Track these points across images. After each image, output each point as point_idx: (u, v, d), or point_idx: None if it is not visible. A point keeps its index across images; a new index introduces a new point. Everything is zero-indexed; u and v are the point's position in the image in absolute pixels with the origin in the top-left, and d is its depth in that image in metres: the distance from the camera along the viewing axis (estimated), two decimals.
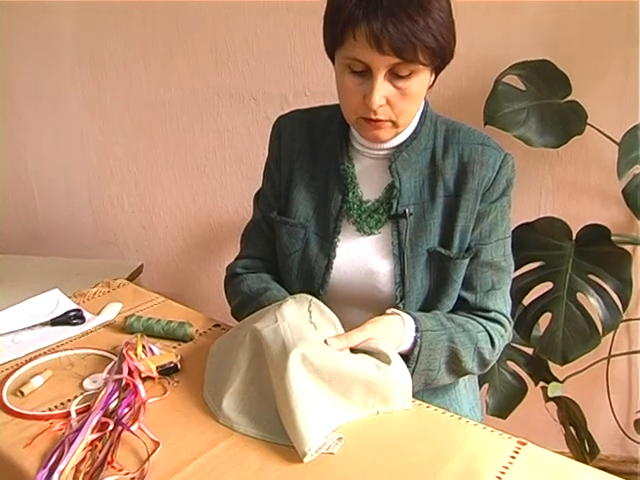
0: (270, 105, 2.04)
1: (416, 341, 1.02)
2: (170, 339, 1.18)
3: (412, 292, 1.09)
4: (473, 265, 1.12)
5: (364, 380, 0.90)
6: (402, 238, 1.09)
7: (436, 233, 1.09)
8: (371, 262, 1.11)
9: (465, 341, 1.08)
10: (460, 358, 1.08)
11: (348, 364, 0.90)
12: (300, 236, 1.15)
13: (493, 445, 0.88)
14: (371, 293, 1.12)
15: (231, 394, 0.95)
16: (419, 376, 1.04)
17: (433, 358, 1.05)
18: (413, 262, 1.09)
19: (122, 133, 2.28)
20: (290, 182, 1.17)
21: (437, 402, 1.13)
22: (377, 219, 1.12)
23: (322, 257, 1.13)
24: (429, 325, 1.05)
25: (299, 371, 0.87)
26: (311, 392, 0.88)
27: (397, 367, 0.93)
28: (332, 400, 0.90)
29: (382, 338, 0.97)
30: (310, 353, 0.88)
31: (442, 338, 1.06)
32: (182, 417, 0.96)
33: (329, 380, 0.89)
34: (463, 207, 1.08)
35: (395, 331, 1.01)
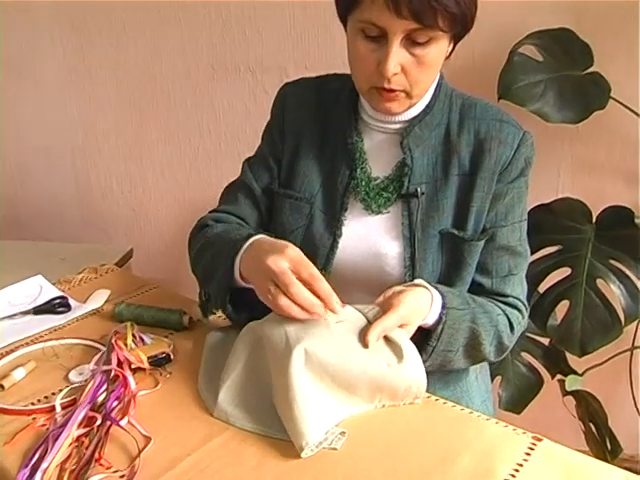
0: (268, 78, 2.04)
1: (441, 318, 1.03)
2: (162, 328, 1.18)
3: (422, 276, 1.10)
4: (488, 249, 1.12)
5: (371, 377, 0.91)
6: (413, 218, 1.09)
7: (449, 214, 1.10)
8: (379, 243, 1.12)
9: (486, 323, 1.09)
10: (480, 341, 1.08)
11: (355, 360, 0.90)
12: (304, 212, 1.15)
13: (507, 441, 0.88)
14: (378, 276, 1.12)
15: (228, 387, 0.95)
16: (437, 356, 1.05)
17: (454, 338, 1.05)
18: (424, 244, 1.10)
19: (109, 107, 2.27)
20: (295, 154, 1.18)
21: (447, 393, 1.14)
22: (386, 198, 1.12)
23: (327, 235, 1.14)
24: (455, 302, 1.05)
25: (301, 367, 0.87)
26: (312, 387, 0.88)
27: (410, 364, 0.93)
28: (335, 394, 0.91)
29: (411, 316, 0.98)
30: (314, 348, 0.88)
31: (466, 318, 1.06)
32: (175, 411, 0.96)
33: (333, 375, 0.89)
34: (478, 187, 1.08)
35: (423, 306, 1.02)
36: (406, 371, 0.92)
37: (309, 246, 1.14)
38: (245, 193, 1.21)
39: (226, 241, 1.08)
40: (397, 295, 0.99)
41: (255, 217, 1.21)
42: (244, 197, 1.21)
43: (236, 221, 1.20)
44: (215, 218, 1.21)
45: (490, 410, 1.25)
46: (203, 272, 1.12)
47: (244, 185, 1.22)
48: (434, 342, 1.03)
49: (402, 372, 0.92)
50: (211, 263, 1.09)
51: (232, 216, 1.21)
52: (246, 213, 1.21)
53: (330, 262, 1.13)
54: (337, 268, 1.14)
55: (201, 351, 1.10)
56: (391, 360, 0.92)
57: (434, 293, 1.03)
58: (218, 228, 1.16)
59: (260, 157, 1.23)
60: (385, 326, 0.94)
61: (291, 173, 1.17)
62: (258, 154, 1.24)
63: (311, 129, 1.17)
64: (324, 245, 1.13)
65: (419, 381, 0.94)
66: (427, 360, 1.03)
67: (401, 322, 0.97)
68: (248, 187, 1.21)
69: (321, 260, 1.14)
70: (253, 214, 1.21)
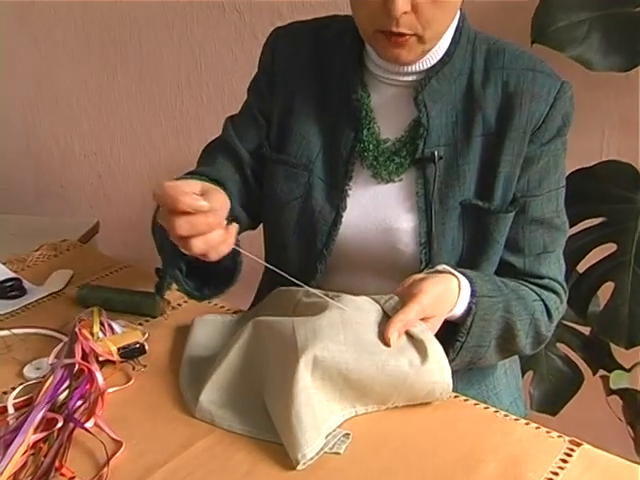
0: (258, 19, 2.02)
1: (470, 308, 1.04)
2: (135, 314, 1.20)
3: (441, 255, 1.10)
4: (520, 222, 1.13)
5: (389, 378, 0.92)
6: (429, 187, 1.10)
7: (472, 181, 1.10)
8: (390, 216, 1.12)
9: (521, 311, 1.10)
10: (515, 332, 1.09)
11: (371, 358, 0.92)
12: (302, 181, 1.15)
13: (539, 445, 0.89)
14: (389, 255, 1.13)
15: (213, 383, 0.96)
16: (466, 353, 1.06)
17: (486, 331, 1.06)
18: (442, 217, 1.10)
19: (68, 54, 2.26)
20: (288, 112, 1.18)
21: (472, 393, 1.14)
22: (398, 163, 1.12)
23: (329, 208, 1.14)
24: (485, 289, 1.06)
25: (307, 375, 0.89)
26: (316, 390, 0.90)
27: (434, 365, 0.94)
28: (342, 394, 0.93)
29: (436, 307, 0.99)
30: (326, 351, 0.90)
31: (498, 306, 1.07)
32: (150, 411, 0.97)
33: (346, 375, 0.91)
34: (507, 149, 1.08)
35: (449, 295, 1.02)
36: (430, 372, 0.93)
37: (307, 221, 1.15)
38: (226, 154, 1.21)
39: None
40: (418, 283, 1.00)
41: (237, 181, 1.20)
42: (224, 158, 1.21)
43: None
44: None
45: (521, 411, 1.27)
46: (158, 240, 1.10)
47: (225, 144, 1.22)
48: (463, 337, 1.04)
49: (425, 374, 0.93)
50: (160, 233, 1.06)
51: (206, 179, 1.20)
52: (225, 176, 1.18)
53: (332, 239, 1.14)
54: (340, 246, 1.14)
55: (181, 341, 1.11)
56: (414, 359, 0.93)
57: (461, 279, 1.04)
58: None
59: (246, 114, 1.23)
60: (406, 320, 0.95)
61: (284, 135, 1.17)
62: (243, 111, 1.24)
63: (307, 82, 1.17)
64: (325, 220, 1.14)
65: (444, 384, 0.95)
66: (455, 358, 1.04)
67: (424, 315, 0.97)
68: (230, 147, 1.21)
69: (321, 237, 1.14)
70: (234, 178, 1.19)
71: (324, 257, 1.14)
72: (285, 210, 1.16)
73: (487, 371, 1.20)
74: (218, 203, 0.90)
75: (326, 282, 1.16)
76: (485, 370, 1.20)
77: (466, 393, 1.04)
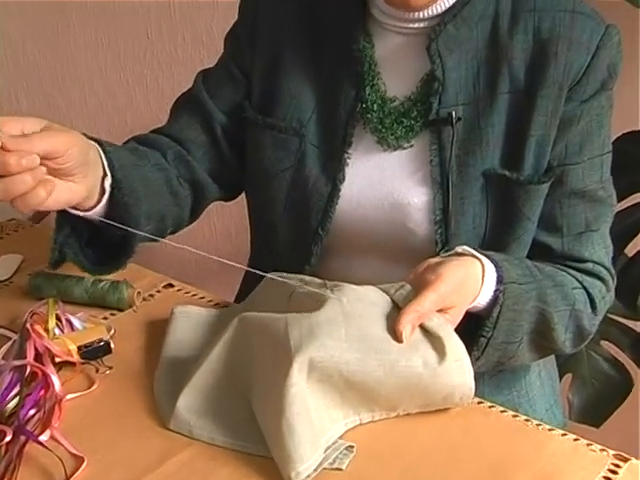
0: None
1: (497, 298, 1.03)
2: (98, 306, 1.20)
3: (460, 235, 1.11)
4: (556, 196, 1.13)
5: (400, 380, 0.92)
6: (445, 155, 1.10)
7: (497, 147, 1.10)
8: (398, 190, 1.12)
9: (558, 301, 1.10)
10: (550, 326, 1.09)
11: (379, 358, 0.91)
12: (292, 148, 1.15)
13: (578, 460, 0.89)
14: (397, 236, 1.13)
15: (192, 387, 0.97)
16: (493, 351, 1.05)
17: (516, 325, 1.06)
18: (462, 190, 1.10)
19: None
20: (274, 66, 1.18)
21: (500, 399, 1.14)
22: (408, 126, 1.12)
23: (324, 180, 1.14)
24: (515, 274, 1.05)
25: (302, 380, 0.89)
26: (313, 395, 0.91)
27: (453, 364, 0.93)
28: (345, 400, 0.93)
29: (456, 296, 0.98)
30: (324, 351, 0.90)
31: (531, 295, 1.07)
32: (117, 420, 0.97)
33: (348, 377, 0.91)
34: (540, 108, 1.08)
35: (472, 282, 1.02)
36: (448, 373, 0.92)
37: (300, 196, 1.15)
38: (193, 111, 1.21)
39: None
40: (435, 268, 0.99)
41: (203, 144, 1.20)
42: (190, 116, 1.21)
43: (167, 145, 1.20)
44: (141, 139, 1.21)
45: (558, 421, 1.27)
46: None
47: (193, 100, 1.22)
48: (489, 332, 1.04)
49: (442, 375, 0.92)
50: None
51: (166, 138, 1.21)
52: (189, 136, 1.20)
53: (329, 217, 1.14)
54: (340, 225, 1.15)
55: (154, 338, 1.12)
56: (429, 358, 0.92)
57: (486, 263, 1.04)
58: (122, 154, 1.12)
59: (221, 68, 1.23)
60: (421, 311, 0.94)
61: (270, 94, 1.18)
62: (219, 64, 1.25)
63: (297, 31, 1.17)
64: (320, 194, 1.14)
65: (464, 387, 0.94)
66: (479, 358, 1.03)
67: (442, 305, 0.97)
68: (199, 104, 1.21)
69: (316, 215, 1.14)
70: (199, 139, 1.20)
71: (320, 238, 1.14)
72: (273, 183, 1.16)
73: (518, 374, 1.20)
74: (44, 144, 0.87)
75: (323, 268, 1.16)
76: (516, 372, 1.20)
77: (493, 399, 1.04)
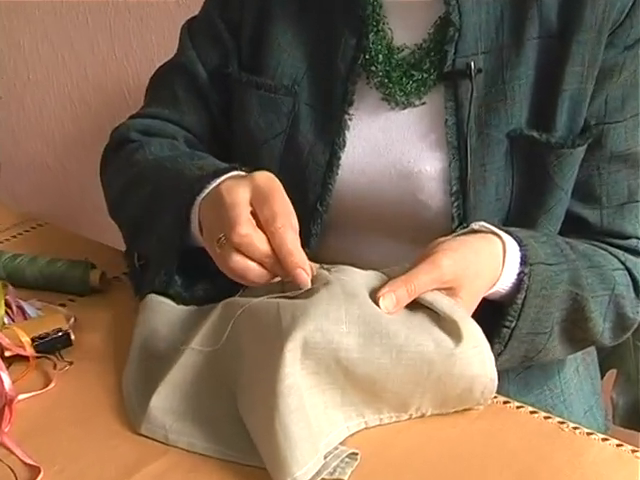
0: None
1: (521, 281, 1.02)
2: (56, 290, 1.20)
3: (481, 208, 1.11)
4: (594, 160, 1.13)
5: (409, 368, 0.90)
6: (463, 113, 1.10)
7: (524, 104, 1.10)
8: (408, 156, 1.12)
9: (595, 284, 1.09)
10: (586, 314, 1.09)
11: (384, 344, 0.90)
12: (283, 110, 1.16)
13: (622, 469, 0.89)
14: (407, 211, 1.13)
15: (167, 385, 0.96)
16: (518, 344, 1.04)
17: (545, 312, 1.05)
18: (482, 155, 1.10)
19: None
20: (263, 15, 1.18)
21: (530, 400, 1.14)
22: (419, 80, 1.12)
23: (322, 146, 1.14)
24: (542, 254, 1.05)
25: (295, 364, 0.88)
26: (309, 391, 0.90)
27: (472, 350, 0.92)
28: (346, 397, 0.93)
29: (464, 276, 0.96)
30: (316, 337, 0.89)
31: (562, 278, 1.06)
32: (79, 424, 0.96)
33: (347, 367, 0.90)
34: (574, 57, 1.08)
35: (489, 262, 1.01)
36: (465, 361, 0.91)
37: (294, 165, 1.15)
38: (187, 84, 1.23)
39: (174, 175, 1.08)
40: (441, 243, 0.99)
41: (205, 124, 1.23)
42: (186, 91, 1.23)
43: (177, 133, 1.22)
44: (143, 129, 1.22)
45: (599, 424, 1.27)
46: (134, 222, 1.13)
47: (184, 72, 1.23)
48: (513, 321, 1.02)
49: (458, 363, 0.91)
50: (148, 209, 1.09)
51: (170, 124, 1.22)
52: (191, 120, 1.22)
53: (329, 190, 1.15)
54: (340, 200, 1.16)
55: (122, 327, 1.11)
56: (442, 342, 0.90)
57: (507, 241, 1.03)
58: (154, 149, 1.17)
59: (205, 22, 1.24)
60: (413, 284, 0.92)
61: (259, 48, 1.18)
62: (202, 18, 1.25)
63: None
64: (317, 163, 1.15)
65: (485, 378, 0.93)
66: (502, 352, 1.02)
67: (444, 282, 0.95)
68: (193, 76, 1.23)
69: (314, 187, 1.15)
70: (202, 119, 1.22)
71: (318, 214, 1.15)
72: (262, 152, 1.17)
73: (551, 370, 1.20)
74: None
75: (323, 250, 1.17)
76: (548, 368, 1.20)
77: (522, 400, 1.03)
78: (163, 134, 1.22)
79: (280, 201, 0.92)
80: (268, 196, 0.92)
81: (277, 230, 0.90)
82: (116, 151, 1.23)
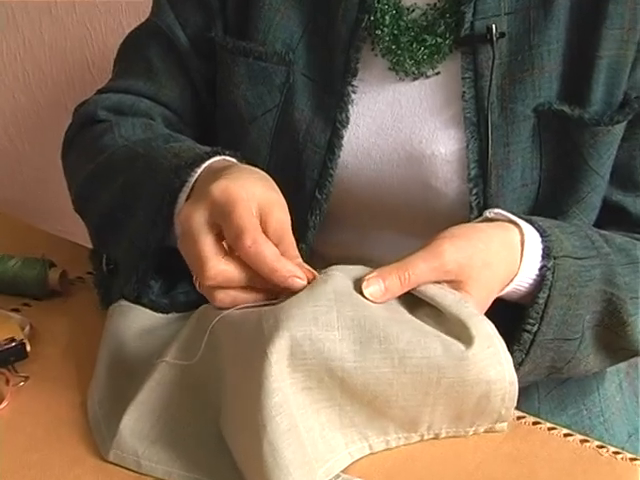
0: None
1: (543, 279, 1.01)
2: (8, 293, 1.20)
3: (504, 196, 1.12)
4: (635, 140, 1.13)
5: (415, 376, 0.89)
6: (484, 85, 1.10)
7: (554, 73, 1.10)
8: (420, 135, 1.13)
9: (633, 283, 1.08)
10: (623, 317, 1.08)
11: (384, 348, 0.89)
12: (277, 81, 1.16)
13: None
14: (420, 199, 1.14)
15: (140, 404, 0.95)
16: (542, 352, 1.03)
17: (574, 315, 1.04)
18: (506, 134, 1.11)
19: None
20: None
21: (564, 420, 1.15)
22: (432, 46, 1.12)
23: (321, 124, 1.15)
24: (569, 246, 1.04)
25: (287, 383, 0.87)
26: (300, 406, 0.89)
27: (483, 350, 0.90)
28: (344, 416, 0.91)
29: (470, 267, 0.95)
30: (304, 344, 0.88)
31: (593, 275, 1.05)
32: (36, 449, 0.95)
33: (343, 378, 0.89)
34: (613, 18, 1.08)
35: (503, 254, 0.99)
36: (479, 365, 0.89)
37: (289, 147, 1.15)
38: (164, 52, 1.23)
39: (148, 164, 1.07)
40: (443, 231, 0.98)
41: (186, 99, 1.23)
42: (163, 60, 1.23)
43: (152, 110, 1.21)
44: (113, 107, 1.21)
45: None
46: (102, 219, 1.12)
47: (160, 37, 1.23)
48: (534, 324, 1.01)
49: (472, 367, 0.89)
50: (119, 204, 1.08)
51: (144, 100, 1.22)
52: (170, 94, 1.22)
53: (328, 176, 1.15)
54: (342, 187, 1.16)
55: (86, 337, 1.11)
56: (451, 345, 0.89)
57: (526, 230, 1.02)
58: (124, 132, 1.16)
59: None
60: (407, 272, 0.91)
61: (247, 8, 1.18)
62: None
63: None
64: (315, 143, 1.15)
65: (503, 383, 0.91)
66: (524, 361, 1.01)
67: (444, 273, 0.94)
68: (169, 40, 1.22)
69: (312, 173, 1.15)
70: (182, 93, 1.23)
71: (317, 204, 1.14)
72: (251, 131, 1.17)
73: (589, 385, 1.20)
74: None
75: (322, 244, 1.17)
76: (585, 384, 1.19)
77: (554, 420, 1.03)
78: (136, 112, 1.21)
79: (241, 212, 0.89)
80: (226, 212, 0.89)
81: (248, 250, 0.88)
82: (81, 132, 1.23)
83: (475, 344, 0.89)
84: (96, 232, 1.15)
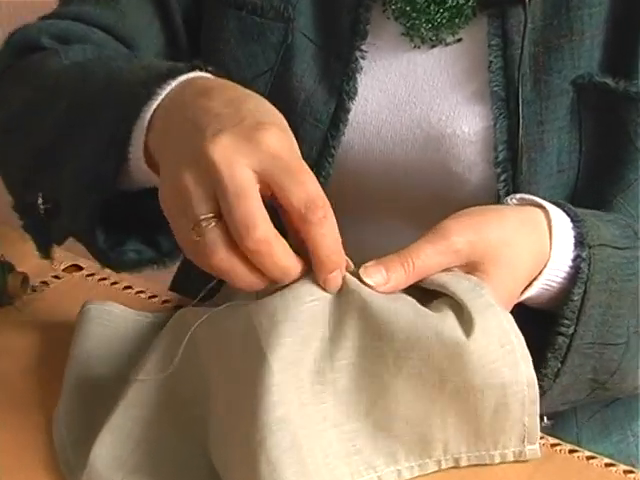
0: None
1: (578, 270, 0.99)
2: None
3: (537, 183, 1.12)
4: None
5: (413, 387, 0.88)
6: (514, 54, 1.10)
7: (595, 41, 1.10)
8: (439, 112, 1.13)
9: None
10: None
11: (375, 361, 0.89)
12: (272, 39, 1.17)
13: None
14: (439, 186, 1.15)
15: (114, 428, 0.94)
16: (582, 361, 1.01)
17: (615, 314, 1.02)
18: (539, 111, 1.11)
19: None
20: None
21: (606, 448, 1.14)
22: (453, 8, 1.12)
23: (324, 95, 1.15)
24: (607, 234, 1.02)
25: (288, 397, 0.86)
26: (305, 430, 0.87)
27: (499, 349, 0.88)
28: (343, 442, 0.89)
29: (487, 249, 0.93)
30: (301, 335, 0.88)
31: (638, 267, 1.03)
32: None
33: (334, 398, 0.89)
34: None
35: (523, 233, 0.97)
36: (493, 365, 0.87)
37: (285, 116, 1.12)
38: None
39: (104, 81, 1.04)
40: (456, 215, 0.96)
41: (155, 36, 1.21)
42: None
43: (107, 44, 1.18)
44: (60, 34, 1.18)
45: None
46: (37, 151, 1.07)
47: None
48: (570, 325, 0.99)
49: (483, 368, 0.87)
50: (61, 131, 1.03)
51: (99, 32, 1.19)
52: (134, 26, 1.19)
53: (329, 155, 1.15)
54: (344, 170, 1.16)
55: (50, 350, 1.11)
56: (455, 338, 0.86)
57: (553, 213, 0.99)
58: (72, 54, 1.12)
59: None
60: (412, 261, 0.89)
61: None
62: None
63: None
64: (316, 117, 1.16)
65: (521, 384, 0.88)
66: (561, 370, 0.99)
67: (458, 255, 0.92)
68: None
69: (310, 152, 1.14)
70: (152, 28, 1.20)
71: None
72: None
73: (636, 407, 1.19)
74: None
75: None
76: (632, 405, 1.19)
77: (595, 448, 1.02)
78: (88, 41, 1.17)
79: (311, 176, 0.85)
80: (293, 172, 0.85)
81: (318, 223, 0.84)
82: (17, 60, 1.18)
83: (479, 339, 0.87)
84: (27, 168, 1.08)
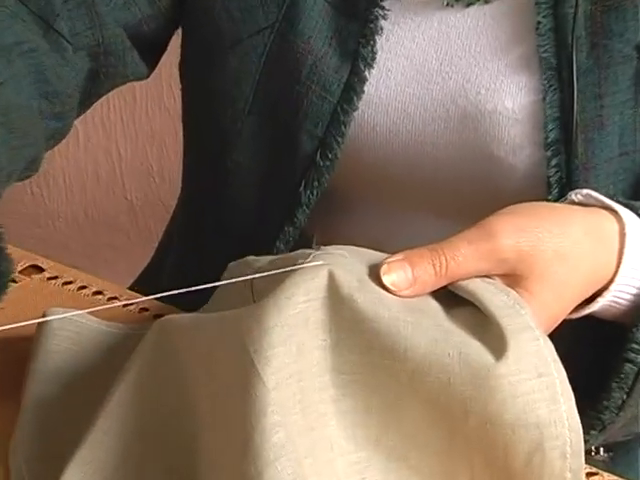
0: None
1: None
2: None
3: (595, 169, 1.10)
4: None
5: (427, 420, 0.85)
6: (566, 14, 1.08)
7: None
8: (477, 83, 1.12)
9: None
10: None
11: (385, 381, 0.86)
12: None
13: None
14: (476, 171, 1.14)
15: (82, 460, 0.91)
16: None
17: None
18: (598, 82, 1.09)
19: None
20: None
21: None
22: None
23: (336, 60, 1.14)
24: None
25: (289, 402, 0.84)
26: (309, 459, 0.84)
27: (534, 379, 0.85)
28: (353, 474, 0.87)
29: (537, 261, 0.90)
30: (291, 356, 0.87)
31: None
32: None
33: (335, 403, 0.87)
34: None
35: (585, 245, 0.94)
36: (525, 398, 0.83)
37: (283, 88, 1.15)
38: None
39: None
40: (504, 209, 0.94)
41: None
42: None
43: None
44: None
45: None
46: None
47: None
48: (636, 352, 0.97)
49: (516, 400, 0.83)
50: None
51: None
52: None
53: (338, 133, 1.14)
54: (355, 150, 1.16)
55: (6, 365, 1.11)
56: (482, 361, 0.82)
57: (627, 219, 0.98)
58: None
59: None
60: (445, 252, 0.86)
61: None
62: None
63: None
64: (324, 86, 1.15)
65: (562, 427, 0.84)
66: (626, 403, 0.97)
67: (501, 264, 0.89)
68: None
69: (314, 129, 1.14)
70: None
71: (316, 172, 1.16)
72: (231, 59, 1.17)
73: None
74: None
75: (319, 230, 1.22)
76: None
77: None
78: None
79: None
80: None
81: None
82: None
83: (512, 365, 0.83)
84: None
